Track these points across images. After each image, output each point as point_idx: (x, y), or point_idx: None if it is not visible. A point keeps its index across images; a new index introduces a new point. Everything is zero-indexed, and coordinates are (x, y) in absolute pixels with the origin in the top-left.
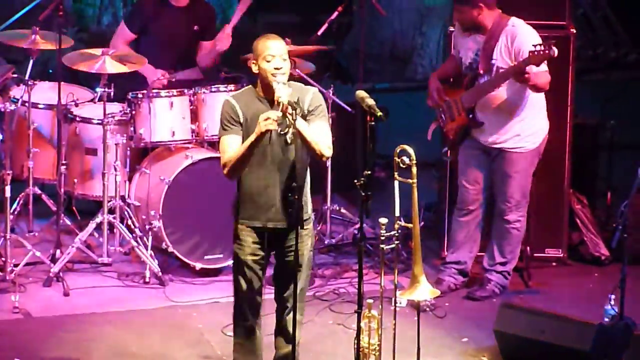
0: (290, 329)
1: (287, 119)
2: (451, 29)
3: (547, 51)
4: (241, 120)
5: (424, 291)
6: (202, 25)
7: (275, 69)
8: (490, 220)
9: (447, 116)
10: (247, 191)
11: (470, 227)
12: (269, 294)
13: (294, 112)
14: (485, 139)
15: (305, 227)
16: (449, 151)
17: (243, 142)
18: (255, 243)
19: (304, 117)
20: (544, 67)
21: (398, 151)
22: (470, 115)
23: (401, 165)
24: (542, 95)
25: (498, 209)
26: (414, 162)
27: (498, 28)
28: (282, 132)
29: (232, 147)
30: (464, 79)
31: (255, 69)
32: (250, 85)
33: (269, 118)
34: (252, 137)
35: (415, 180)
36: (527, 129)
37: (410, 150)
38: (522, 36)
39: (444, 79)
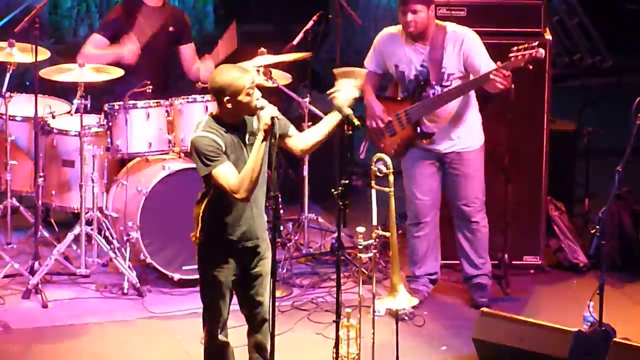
0: (266, 342)
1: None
2: None
3: (534, 53)
4: (223, 149)
5: (403, 300)
6: (177, 28)
7: (257, 99)
8: (449, 229)
9: (386, 132)
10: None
11: (429, 238)
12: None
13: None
14: (438, 147)
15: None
16: (364, 146)
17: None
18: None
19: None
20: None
21: (375, 160)
22: (418, 128)
23: (378, 174)
24: (473, 93)
25: (462, 213)
26: (391, 170)
27: (439, 35)
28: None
29: (232, 172)
30: (408, 92)
31: (229, 105)
32: (207, 117)
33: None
34: (258, 144)
35: (392, 189)
36: (473, 126)
37: (387, 158)
38: (469, 42)
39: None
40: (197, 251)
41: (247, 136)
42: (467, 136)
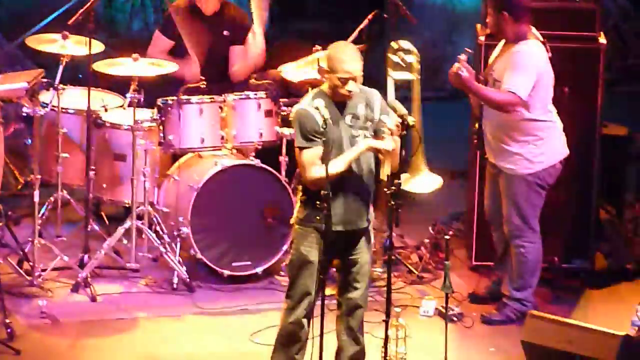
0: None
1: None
2: (481, 38)
3: None
4: (320, 130)
5: (426, 181)
6: (232, 30)
7: (348, 91)
8: None
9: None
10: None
11: (499, 243)
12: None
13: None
14: (488, 156)
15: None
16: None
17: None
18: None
19: (373, 122)
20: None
21: (395, 47)
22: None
23: (401, 63)
24: (555, 125)
25: (504, 229)
26: (415, 54)
27: (513, 42)
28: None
29: (318, 160)
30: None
31: (324, 74)
32: (317, 90)
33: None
34: (354, 154)
35: (417, 77)
36: (526, 154)
37: (409, 44)
38: (513, 64)
39: None
40: (293, 228)
41: (349, 117)
42: (513, 158)
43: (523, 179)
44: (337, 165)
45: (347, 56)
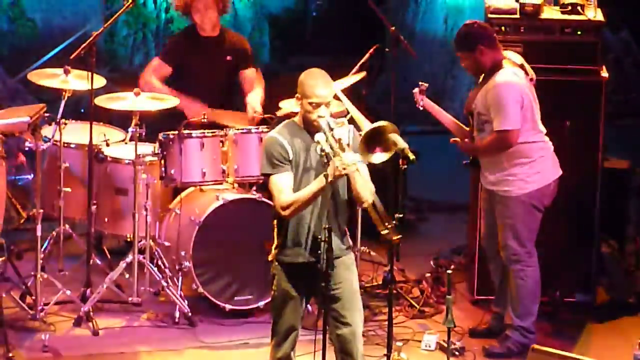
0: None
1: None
2: None
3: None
4: (290, 158)
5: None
6: (235, 55)
7: (319, 116)
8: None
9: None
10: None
11: (496, 275)
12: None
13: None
14: (483, 183)
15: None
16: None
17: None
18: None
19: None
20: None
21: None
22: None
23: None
24: (546, 145)
25: (501, 256)
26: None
27: (491, 72)
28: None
29: (288, 186)
30: None
31: (296, 103)
32: (287, 120)
33: (347, 165)
34: (323, 180)
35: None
36: (521, 174)
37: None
38: (495, 103)
39: None
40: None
41: (329, 153)
42: (505, 180)
43: (519, 200)
44: (307, 193)
45: (318, 81)
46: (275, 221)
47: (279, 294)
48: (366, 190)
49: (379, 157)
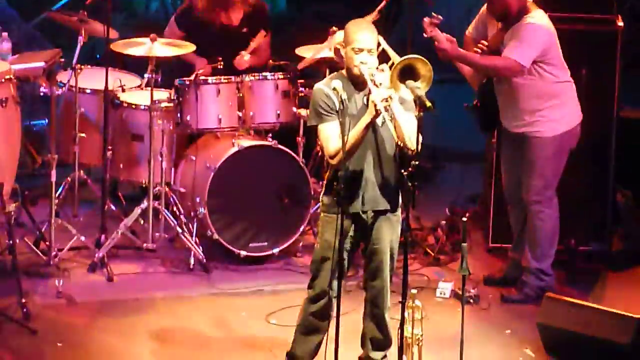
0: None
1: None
2: None
3: None
4: (337, 108)
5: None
6: (251, 25)
7: (362, 62)
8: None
9: None
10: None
11: (518, 221)
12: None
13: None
14: (507, 126)
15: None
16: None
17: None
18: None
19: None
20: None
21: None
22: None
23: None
24: (569, 87)
25: (523, 200)
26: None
27: (517, 16)
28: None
29: (336, 134)
30: None
31: (342, 51)
32: (335, 72)
33: (385, 99)
34: (366, 119)
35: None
36: (552, 115)
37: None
38: (521, 36)
39: None
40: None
41: (365, 97)
42: (535, 122)
43: (549, 141)
44: (353, 135)
45: (362, 27)
46: (326, 173)
47: (321, 246)
48: (407, 134)
49: (414, 86)
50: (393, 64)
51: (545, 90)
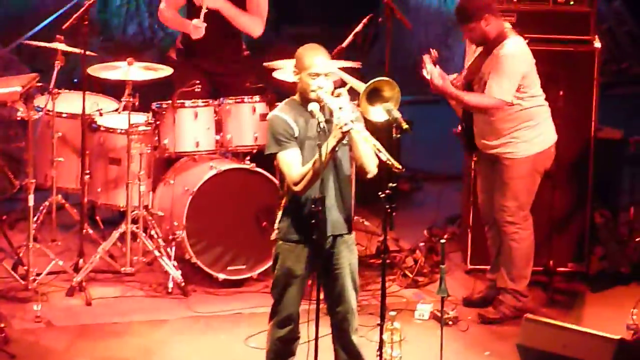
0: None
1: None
2: None
3: None
4: (295, 134)
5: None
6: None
7: (319, 87)
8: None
9: None
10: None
11: (495, 242)
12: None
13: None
14: (482, 148)
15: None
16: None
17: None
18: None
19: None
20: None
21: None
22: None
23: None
24: (547, 108)
25: (497, 220)
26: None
27: (495, 42)
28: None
29: (297, 162)
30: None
31: (295, 78)
32: (287, 99)
33: (347, 123)
34: (332, 142)
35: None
36: (524, 137)
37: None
38: (499, 69)
39: None
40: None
41: (321, 123)
42: (508, 143)
43: (523, 162)
44: (312, 166)
45: (317, 52)
46: (282, 200)
47: (282, 273)
48: (369, 157)
49: (379, 112)
50: (350, 88)
51: (520, 114)
